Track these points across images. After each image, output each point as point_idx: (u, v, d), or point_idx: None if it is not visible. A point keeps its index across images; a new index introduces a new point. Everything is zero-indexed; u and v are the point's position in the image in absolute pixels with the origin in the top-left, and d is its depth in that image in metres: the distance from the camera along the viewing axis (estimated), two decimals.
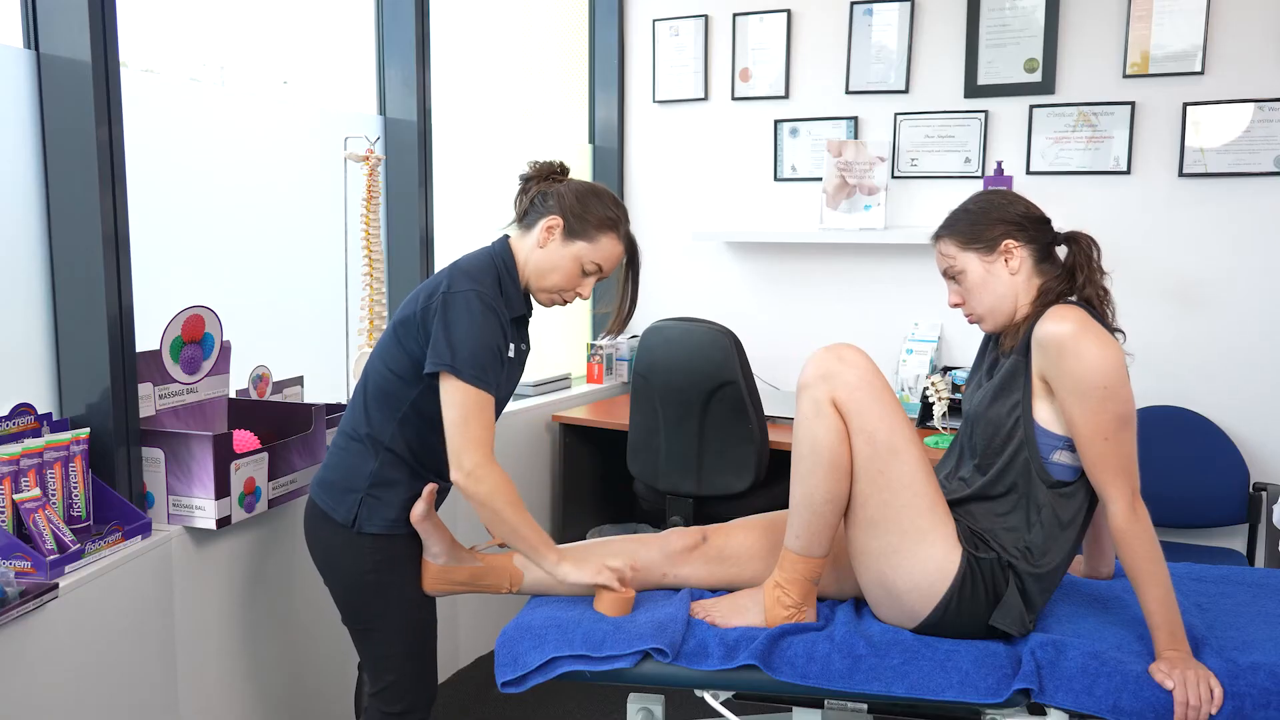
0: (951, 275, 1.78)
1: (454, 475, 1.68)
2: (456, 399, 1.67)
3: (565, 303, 1.86)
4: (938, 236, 1.80)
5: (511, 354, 1.80)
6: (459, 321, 1.68)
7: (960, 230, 1.76)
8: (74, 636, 1.70)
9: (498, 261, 1.81)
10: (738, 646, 1.64)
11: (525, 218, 1.84)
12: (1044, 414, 1.67)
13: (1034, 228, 1.75)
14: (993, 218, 1.74)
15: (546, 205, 1.81)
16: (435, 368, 1.68)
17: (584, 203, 1.80)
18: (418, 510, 1.79)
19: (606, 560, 1.76)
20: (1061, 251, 1.78)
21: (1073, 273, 1.73)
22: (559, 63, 3.74)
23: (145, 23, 2.17)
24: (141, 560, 1.86)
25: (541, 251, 1.80)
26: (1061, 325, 1.61)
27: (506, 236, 1.86)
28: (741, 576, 1.85)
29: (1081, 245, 1.74)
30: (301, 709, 2.32)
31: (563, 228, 1.79)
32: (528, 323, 1.91)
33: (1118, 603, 1.81)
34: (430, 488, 1.80)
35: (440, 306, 1.71)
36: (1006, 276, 1.73)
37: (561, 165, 1.89)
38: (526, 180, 1.88)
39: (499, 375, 1.72)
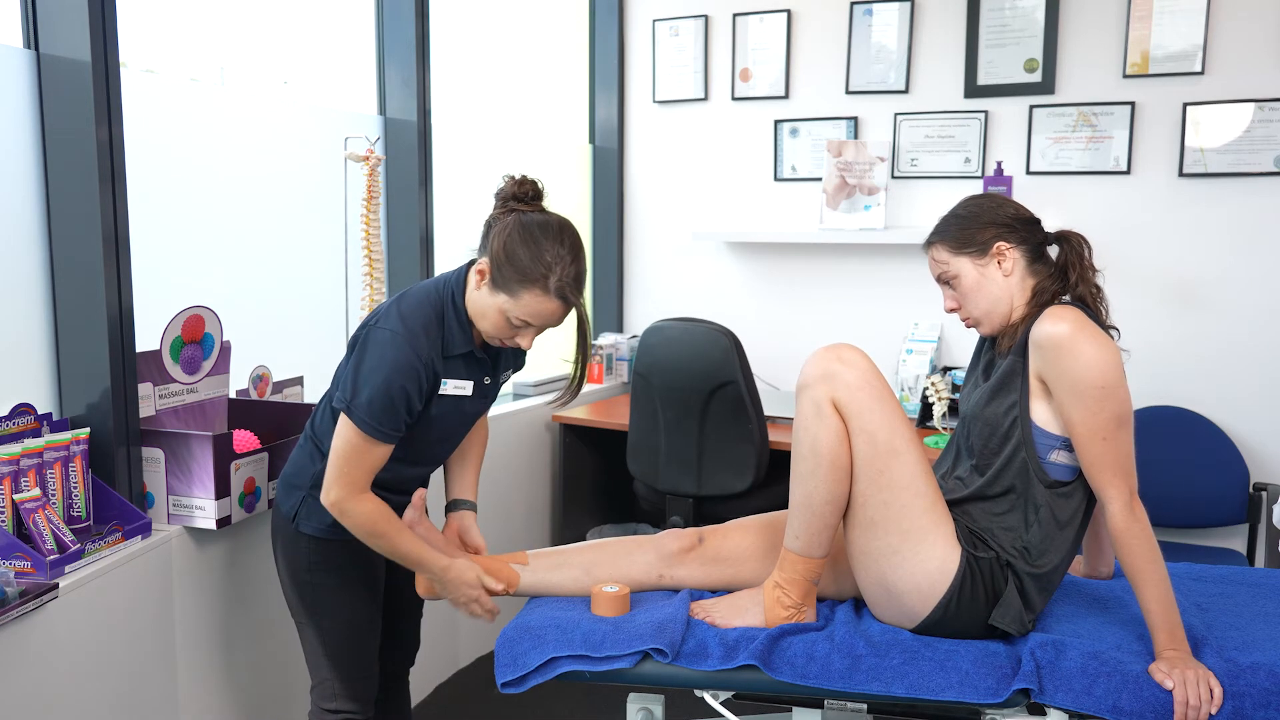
0: (945, 281, 1.79)
1: (322, 498, 1.70)
2: (345, 436, 1.66)
3: (510, 347, 1.74)
4: (929, 244, 1.81)
5: (451, 391, 1.73)
6: (368, 362, 1.65)
7: (951, 235, 1.76)
8: (74, 636, 1.70)
9: (446, 294, 1.71)
10: (737, 647, 1.64)
11: (478, 249, 1.72)
12: (1041, 414, 1.67)
13: (1025, 229, 1.75)
14: (983, 221, 1.75)
15: (486, 242, 1.68)
16: (338, 404, 1.69)
17: (510, 252, 1.61)
18: (409, 516, 1.79)
19: (482, 582, 1.79)
20: (1053, 251, 1.78)
21: (1065, 272, 1.74)
22: (559, 63, 3.74)
23: (145, 23, 2.17)
24: (141, 560, 1.86)
25: (477, 294, 1.68)
26: (1058, 326, 1.61)
27: (470, 263, 1.73)
28: (739, 577, 1.85)
29: (1072, 244, 1.75)
30: (301, 709, 2.32)
31: (489, 274, 1.64)
32: (488, 357, 1.79)
33: (1118, 603, 1.81)
34: (420, 493, 1.80)
35: (363, 341, 1.68)
36: (1000, 279, 1.74)
37: (533, 189, 1.71)
38: (495, 197, 1.73)
39: (396, 422, 1.66)
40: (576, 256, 1.64)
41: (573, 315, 1.69)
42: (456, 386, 1.74)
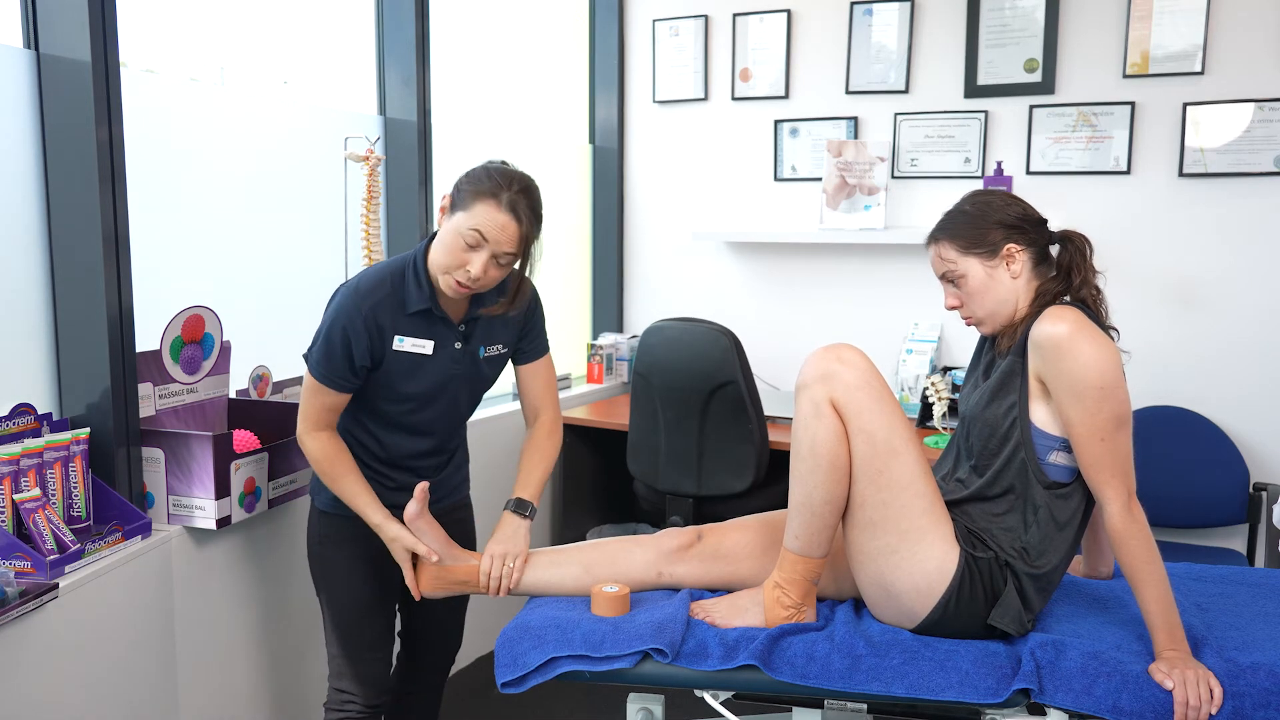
0: (951, 279, 1.77)
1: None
2: (305, 380, 1.83)
3: (464, 286, 1.74)
4: (935, 239, 1.78)
5: (408, 348, 1.80)
6: (325, 317, 1.80)
7: (961, 234, 1.74)
8: (74, 636, 1.70)
9: (408, 258, 1.83)
10: (737, 646, 1.64)
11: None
12: (1040, 415, 1.67)
13: (1034, 230, 1.74)
14: (993, 220, 1.73)
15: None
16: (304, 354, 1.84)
17: (468, 174, 1.76)
18: (411, 510, 1.79)
19: (411, 544, 1.80)
20: (1053, 250, 1.77)
21: (1069, 274, 1.72)
22: (559, 63, 3.74)
23: (145, 23, 2.17)
24: (141, 560, 1.86)
25: (437, 239, 1.78)
26: (1057, 326, 1.61)
27: (433, 235, 1.81)
28: (737, 575, 1.85)
29: (1076, 244, 1.74)
30: (301, 709, 2.33)
31: (449, 203, 1.77)
32: (460, 324, 1.84)
33: (1117, 603, 1.81)
34: (422, 486, 1.80)
35: (329, 301, 1.84)
36: (1008, 281, 1.73)
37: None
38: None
39: (339, 368, 1.78)
40: (529, 190, 1.76)
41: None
42: (414, 344, 1.81)
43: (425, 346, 1.82)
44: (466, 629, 1.97)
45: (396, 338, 1.79)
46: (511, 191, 1.72)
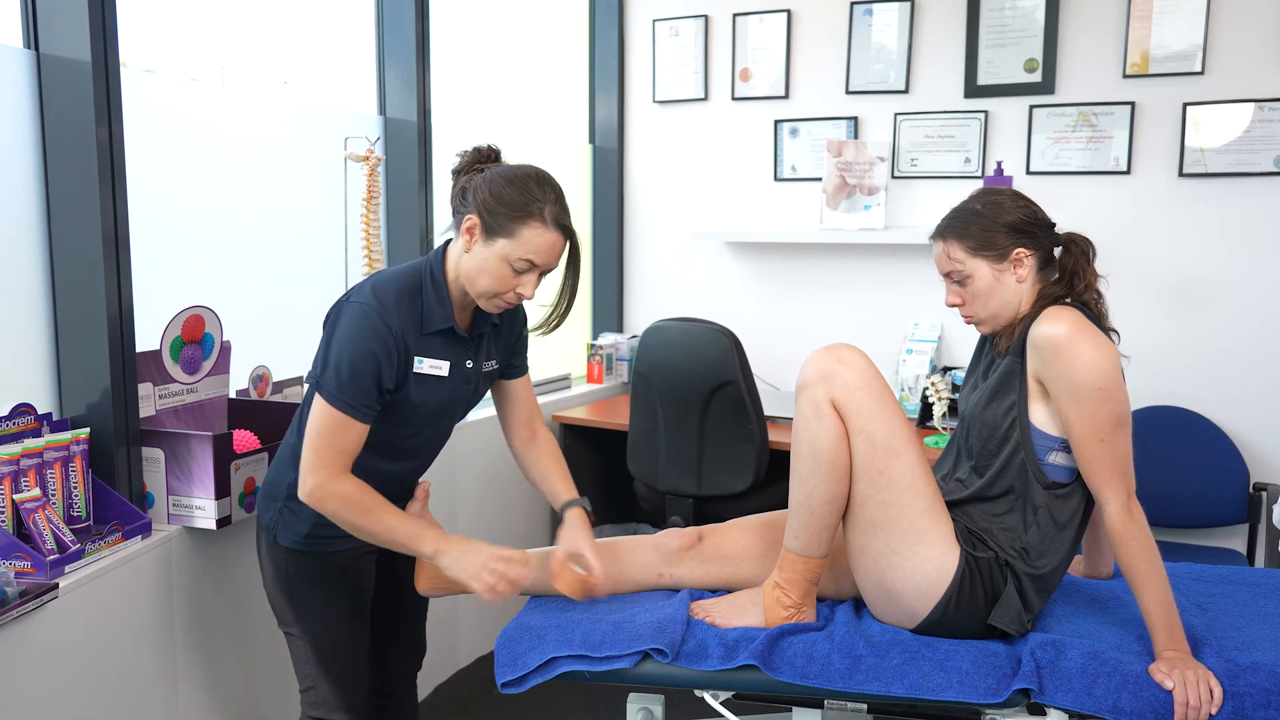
0: (956, 279, 1.75)
1: (300, 493, 1.63)
2: (317, 414, 1.62)
3: (511, 305, 1.68)
4: (944, 237, 1.75)
5: (427, 370, 1.68)
6: (339, 337, 1.62)
7: (972, 235, 1.72)
8: (74, 636, 1.70)
9: (424, 271, 1.69)
10: (737, 646, 1.64)
11: (454, 218, 1.70)
12: (1040, 415, 1.67)
13: (1044, 234, 1.73)
14: (1004, 223, 1.70)
15: (465, 203, 1.66)
16: (308, 380, 1.66)
17: (497, 195, 1.61)
18: (412, 510, 1.78)
19: (495, 556, 1.63)
20: (1056, 251, 1.77)
21: (1072, 277, 1.72)
22: (559, 63, 3.74)
23: (145, 23, 2.17)
24: (141, 560, 1.86)
25: (468, 256, 1.65)
26: (1056, 327, 1.61)
27: (447, 242, 1.72)
28: (738, 576, 1.85)
29: (1080, 247, 1.74)
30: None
31: (481, 226, 1.62)
32: (469, 338, 1.75)
33: (1118, 603, 1.81)
34: (424, 484, 1.79)
35: (334, 316, 1.66)
36: (1014, 284, 1.72)
37: (490, 150, 1.73)
38: (455, 174, 1.73)
39: (366, 396, 1.62)
40: (559, 192, 1.65)
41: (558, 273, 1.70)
42: (432, 366, 1.69)
43: (442, 368, 1.70)
44: (467, 629, 1.98)
45: (418, 359, 1.67)
46: (550, 204, 1.62)
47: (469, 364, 1.75)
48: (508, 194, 1.61)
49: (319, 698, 1.84)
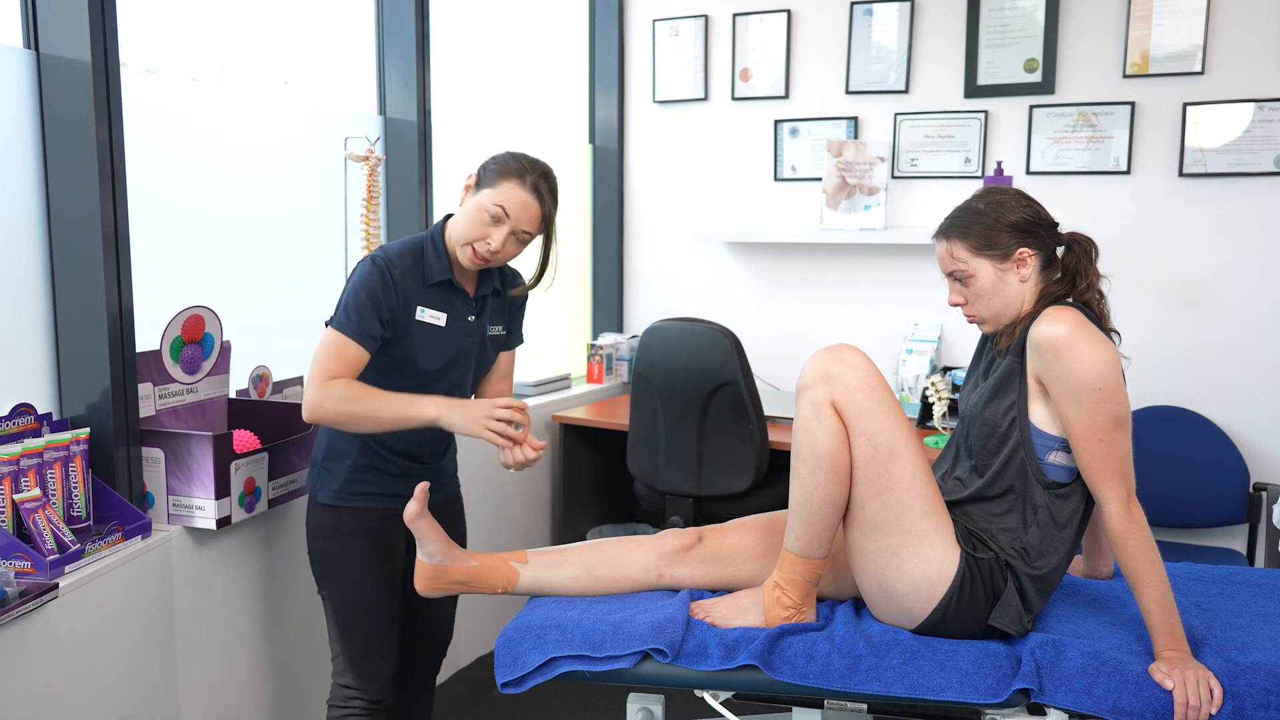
0: (959, 278, 1.75)
1: (304, 414, 1.80)
2: (322, 339, 1.83)
3: (481, 258, 1.85)
4: (947, 236, 1.75)
5: (427, 319, 1.87)
6: (350, 283, 1.85)
7: (975, 234, 1.71)
8: (74, 636, 1.70)
9: (428, 233, 1.93)
10: (737, 647, 1.64)
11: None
12: (1039, 415, 1.67)
13: (1047, 234, 1.73)
14: (1007, 223, 1.70)
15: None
16: (326, 322, 1.85)
17: (494, 157, 1.89)
18: (410, 510, 1.79)
19: (491, 404, 1.77)
20: (1059, 251, 1.77)
21: (1074, 277, 1.72)
22: (559, 63, 3.74)
23: (145, 23, 2.17)
24: (141, 560, 1.86)
25: (459, 212, 1.90)
26: (1056, 327, 1.61)
27: (449, 215, 1.95)
28: (738, 576, 1.85)
29: (1083, 247, 1.74)
30: (302, 709, 2.33)
31: (475, 182, 1.89)
32: (471, 298, 1.94)
33: (1118, 603, 1.81)
34: (422, 486, 1.80)
35: (349, 277, 1.89)
36: (1017, 284, 1.72)
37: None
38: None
39: (369, 324, 1.80)
40: (549, 174, 1.89)
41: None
42: (431, 315, 1.88)
43: (440, 319, 1.89)
44: (467, 629, 1.99)
45: (419, 309, 1.87)
46: (535, 175, 1.86)
47: (470, 318, 1.94)
48: (502, 156, 1.89)
49: (341, 664, 1.95)
